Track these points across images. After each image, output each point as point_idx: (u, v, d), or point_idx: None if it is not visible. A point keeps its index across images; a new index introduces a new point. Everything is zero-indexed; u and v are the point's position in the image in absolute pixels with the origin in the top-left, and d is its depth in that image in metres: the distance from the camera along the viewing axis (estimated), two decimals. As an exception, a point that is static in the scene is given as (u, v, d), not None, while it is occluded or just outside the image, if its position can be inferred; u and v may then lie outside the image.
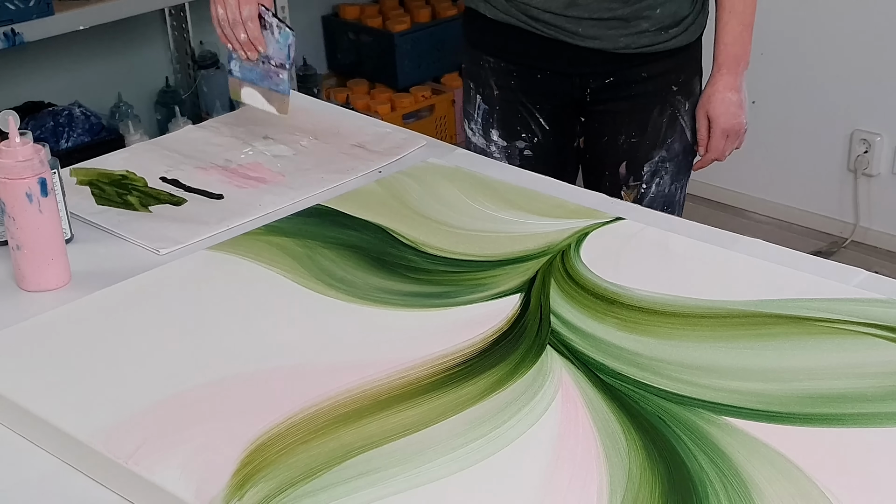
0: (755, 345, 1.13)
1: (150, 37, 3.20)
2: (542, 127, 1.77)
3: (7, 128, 1.28)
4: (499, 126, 1.80)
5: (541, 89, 1.75)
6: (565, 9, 1.66)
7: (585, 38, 1.67)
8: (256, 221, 1.45)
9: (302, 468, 0.97)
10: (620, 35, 1.67)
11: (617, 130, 1.75)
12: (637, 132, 1.74)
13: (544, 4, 1.67)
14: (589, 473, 0.96)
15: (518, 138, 1.79)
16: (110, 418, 1.04)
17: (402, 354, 1.13)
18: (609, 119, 1.75)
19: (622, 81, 1.72)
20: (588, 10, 1.66)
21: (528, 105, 1.77)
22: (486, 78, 1.79)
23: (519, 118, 1.78)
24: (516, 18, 1.71)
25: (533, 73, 1.75)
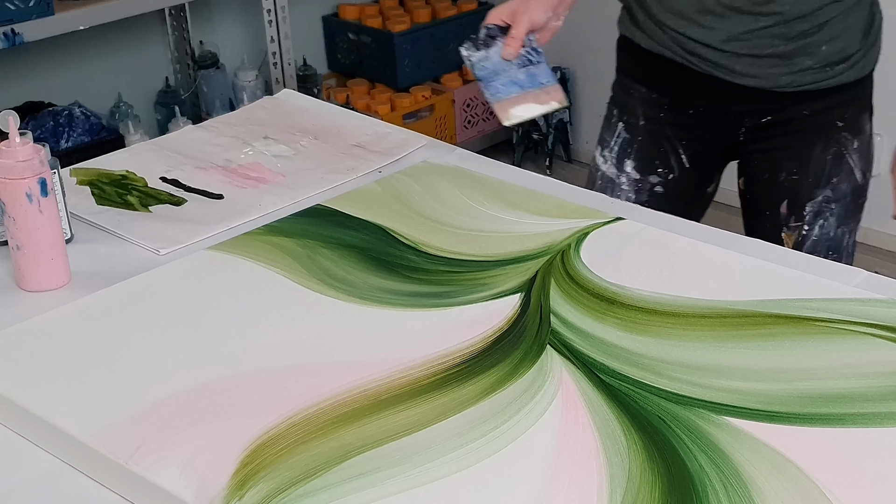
0: (755, 345, 1.13)
1: (150, 37, 3.20)
2: (682, 164, 1.67)
3: (7, 128, 1.28)
4: (636, 157, 1.69)
5: (691, 125, 1.65)
6: (723, 43, 1.55)
7: (744, 76, 1.57)
8: (256, 221, 1.45)
9: (302, 468, 0.97)
10: (781, 73, 1.55)
11: (777, 167, 1.63)
12: (798, 169, 1.61)
13: (702, 37, 1.56)
14: (589, 473, 0.96)
15: (653, 172, 1.68)
16: (110, 418, 1.04)
17: (402, 354, 1.13)
18: (768, 157, 1.64)
19: (781, 120, 1.60)
20: (747, 46, 1.54)
21: (674, 140, 1.67)
22: (633, 107, 1.70)
23: (660, 152, 1.68)
24: (671, 50, 1.61)
25: (685, 108, 1.64)
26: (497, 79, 1.51)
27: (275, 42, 3.21)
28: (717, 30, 1.53)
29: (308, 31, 3.55)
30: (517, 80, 1.51)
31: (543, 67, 1.51)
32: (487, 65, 1.51)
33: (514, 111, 1.49)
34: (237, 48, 3.35)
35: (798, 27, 1.51)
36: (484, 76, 1.51)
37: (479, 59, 1.52)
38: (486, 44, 1.52)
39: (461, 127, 3.55)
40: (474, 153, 1.65)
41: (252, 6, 3.27)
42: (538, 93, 1.50)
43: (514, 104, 1.49)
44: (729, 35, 1.53)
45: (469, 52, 1.53)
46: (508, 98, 1.49)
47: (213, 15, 3.32)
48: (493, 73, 1.51)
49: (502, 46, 1.52)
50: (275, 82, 3.24)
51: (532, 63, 1.50)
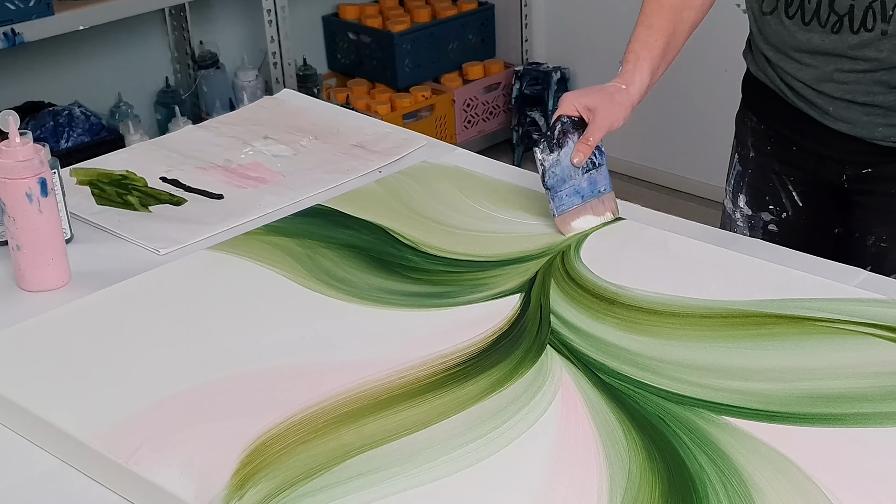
0: (755, 345, 1.13)
1: (150, 37, 3.20)
2: (795, 202, 1.54)
3: (7, 128, 1.28)
4: (747, 192, 1.58)
5: (795, 163, 1.53)
6: (816, 83, 1.43)
7: (836, 121, 1.43)
8: (256, 221, 1.45)
9: (302, 468, 0.97)
10: (879, 124, 1.41)
11: (867, 229, 1.48)
12: (889, 237, 1.46)
13: (796, 73, 1.44)
14: (589, 473, 0.96)
15: (764, 209, 1.56)
16: (110, 418, 1.04)
17: (402, 354, 1.13)
18: (863, 215, 1.49)
19: (880, 175, 1.45)
20: (843, 90, 1.41)
21: (782, 176, 1.54)
22: (745, 137, 1.59)
23: (770, 187, 1.55)
24: (771, 80, 1.50)
25: (789, 145, 1.52)
26: (563, 188, 1.39)
27: (275, 42, 3.21)
28: (811, 67, 1.42)
29: (308, 31, 3.55)
30: (580, 188, 1.40)
31: (604, 172, 1.42)
32: (557, 171, 1.39)
33: (574, 224, 1.39)
34: (237, 48, 3.35)
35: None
36: (553, 185, 1.39)
37: (551, 165, 1.39)
38: (559, 143, 1.40)
39: (461, 127, 3.55)
40: (474, 153, 1.65)
41: (252, 6, 3.27)
42: (596, 203, 1.41)
43: (574, 217, 1.39)
44: (822, 75, 1.41)
45: (543, 154, 1.40)
46: (570, 210, 1.39)
47: (213, 15, 3.32)
48: (561, 180, 1.39)
49: (573, 147, 1.40)
50: (275, 82, 3.24)
51: (595, 167, 1.41)
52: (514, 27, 3.64)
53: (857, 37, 1.35)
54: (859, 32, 1.35)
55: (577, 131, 1.40)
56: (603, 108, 1.41)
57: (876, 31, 1.34)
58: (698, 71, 3.17)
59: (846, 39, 1.36)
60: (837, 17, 1.36)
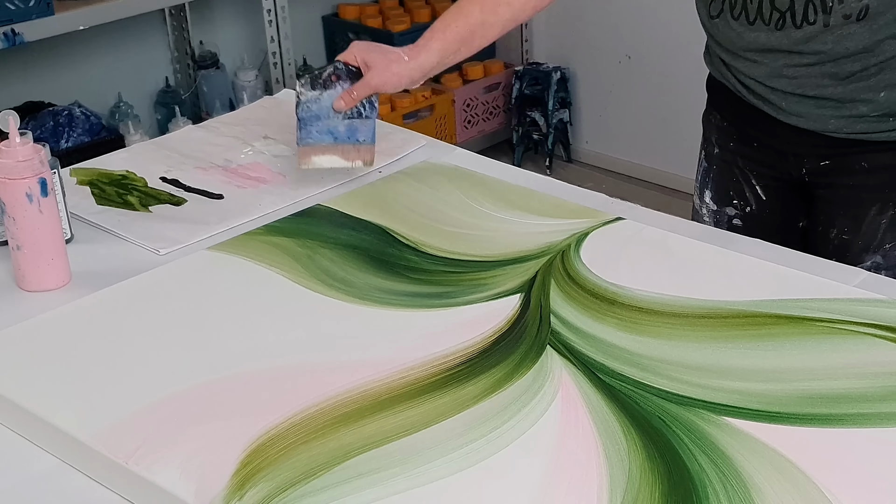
0: (755, 345, 1.13)
1: (150, 37, 3.20)
2: (759, 196, 1.57)
3: (7, 128, 1.28)
4: (712, 187, 1.61)
5: (757, 158, 1.55)
6: (768, 79, 1.45)
7: (790, 115, 1.45)
8: (256, 221, 1.45)
9: (302, 468, 0.97)
10: (831, 116, 1.42)
11: (829, 222, 1.51)
12: (850, 228, 1.48)
13: (749, 71, 1.47)
14: (589, 473, 0.96)
15: (728, 204, 1.59)
16: (110, 418, 1.04)
17: (402, 354, 1.13)
18: (825, 209, 1.51)
19: (839, 168, 1.47)
20: (793, 85, 1.42)
21: (745, 171, 1.57)
22: (709, 133, 1.62)
23: (733, 182, 1.58)
24: (728, 80, 1.53)
25: (750, 141, 1.55)
26: (315, 124, 1.45)
27: (275, 42, 3.21)
28: (761, 65, 1.44)
29: (308, 31, 3.55)
30: (335, 130, 1.44)
31: (370, 125, 1.44)
32: (314, 107, 1.45)
33: (316, 159, 1.44)
34: (237, 48, 3.35)
35: (849, 67, 1.38)
36: (305, 118, 1.45)
37: (306, 100, 1.45)
38: (325, 84, 1.45)
39: (461, 127, 3.55)
40: (474, 153, 1.65)
41: (252, 6, 3.27)
42: (349, 147, 1.45)
43: (319, 153, 1.44)
44: (772, 72, 1.44)
45: (304, 88, 1.46)
46: (316, 145, 1.45)
47: (213, 15, 3.32)
48: (315, 117, 1.45)
49: (340, 92, 1.46)
50: (275, 82, 3.24)
51: (359, 116, 1.44)
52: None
53: (800, 31, 1.37)
54: (802, 27, 1.37)
55: (350, 80, 1.47)
56: (377, 69, 1.49)
57: (818, 24, 1.36)
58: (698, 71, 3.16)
59: (791, 35, 1.38)
60: (780, 13, 1.38)
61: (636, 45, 3.44)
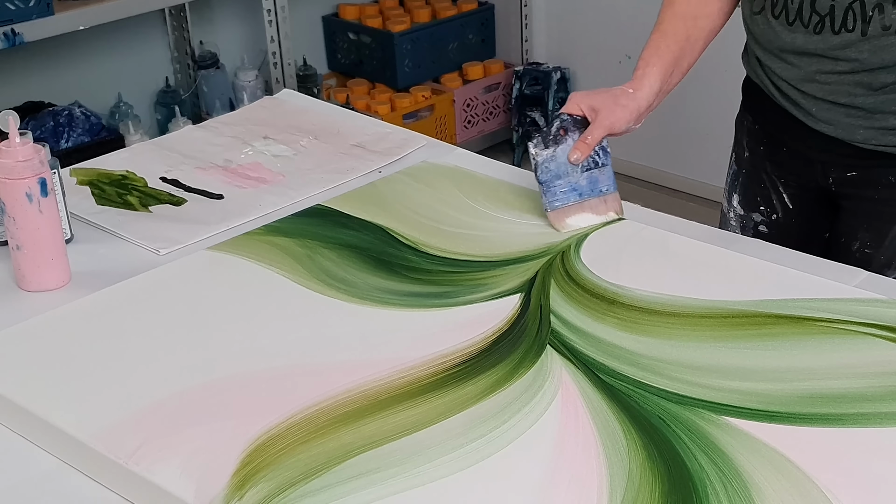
0: (755, 345, 1.13)
1: (150, 37, 3.20)
2: (785, 205, 1.54)
3: (7, 128, 1.28)
4: (740, 192, 1.59)
5: (785, 164, 1.53)
6: (800, 83, 1.43)
7: (818, 122, 1.43)
8: (256, 221, 1.45)
9: (302, 468, 0.97)
10: (859, 126, 1.40)
11: (852, 235, 1.48)
12: (872, 242, 1.46)
13: (783, 73, 1.45)
14: (589, 473, 0.96)
15: (755, 210, 1.57)
16: (110, 418, 1.04)
17: (402, 354, 1.13)
18: (849, 220, 1.49)
19: (865, 179, 1.44)
20: (825, 91, 1.41)
21: (774, 177, 1.54)
22: (740, 136, 1.60)
23: (761, 188, 1.56)
24: (761, 81, 1.51)
25: (779, 146, 1.52)
26: (557, 184, 1.40)
27: (275, 42, 3.21)
28: (795, 67, 1.43)
29: (308, 31, 3.55)
30: (578, 186, 1.40)
31: (608, 172, 1.41)
32: (552, 167, 1.40)
33: (570, 221, 1.39)
34: (237, 48, 3.35)
35: (882, 78, 1.36)
36: (546, 180, 1.39)
37: (544, 161, 1.40)
38: (556, 140, 1.40)
39: (461, 127, 3.55)
40: (474, 153, 1.65)
41: (252, 6, 3.27)
42: (596, 202, 1.40)
43: (571, 214, 1.39)
44: (805, 75, 1.42)
45: (537, 149, 1.41)
46: (564, 207, 1.40)
47: (213, 15, 3.32)
48: (556, 176, 1.40)
49: (571, 145, 1.40)
50: (275, 82, 3.24)
51: (597, 166, 1.41)
52: (514, 27, 3.64)
53: (838, 37, 1.36)
54: (840, 33, 1.36)
55: (578, 130, 1.41)
56: (606, 109, 1.42)
57: (856, 32, 1.35)
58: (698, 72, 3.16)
59: (828, 40, 1.37)
60: (819, 17, 1.37)
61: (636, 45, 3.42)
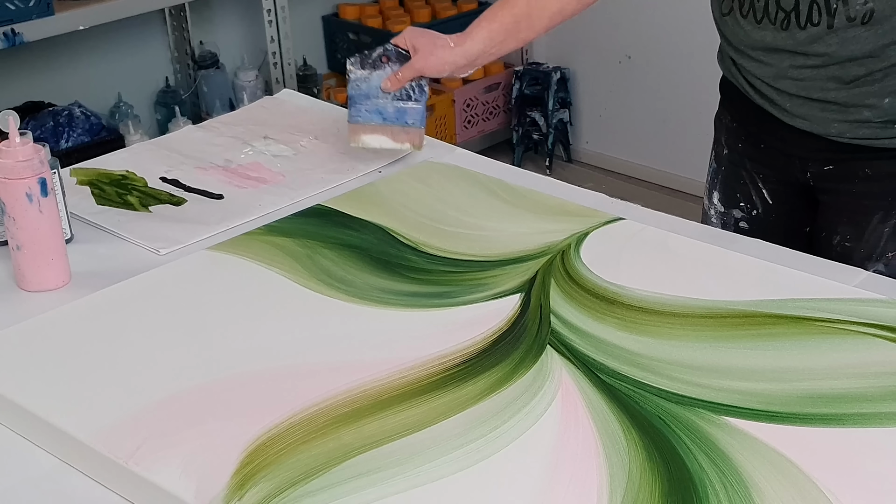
0: (755, 345, 1.13)
1: (150, 37, 3.20)
2: (765, 200, 1.57)
3: (7, 128, 1.28)
4: (720, 189, 1.62)
5: (764, 161, 1.55)
6: (773, 80, 1.45)
7: (794, 117, 1.45)
8: (256, 221, 1.45)
9: (302, 468, 0.97)
10: (834, 120, 1.42)
11: (832, 229, 1.50)
12: (853, 236, 1.47)
13: (755, 70, 1.47)
14: (589, 473, 0.96)
15: (735, 206, 1.60)
16: (110, 418, 1.04)
17: (402, 354, 1.13)
18: (828, 213, 1.51)
19: (842, 173, 1.46)
20: (798, 87, 1.42)
21: (753, 173, 1.57)
22: (720, 134, 1.63)
23: (741, 185, 1.58)
24: (737, 80, 1.53)
25: (757, 143, 1.55)
26: (365, 102, 1.50)
27: (275, 42, 3.21)
28: (768, 65, 1.44)
29: (308, 31, 3.55)
30: (384, 110, 1.49)
31: (419, 109, 1.49)
32: (363, 86, 1.49)
33: (366, 138, 1.49)
34: (237, 48, 3.35)
35: (854, 71, 1.37)
36: (354, 95, 1.49)
37: (356, 78, 1.50)
38: (375, 65, 1.50)
39: (461, 127, 3.55)
40: (474, 153, 1.65)
41: (252, 6, 3.27)
42: (398, 129, 1.49)
43: (369, 132, 1.49)
44: (778, 72, 1.43)
45: (353, 66, 1.51)
46: (365, 125, 1.49)
47: (213, 15, 3.32)
48: (365, 95, 1.49)
49: (389, 73, 1.50)
50: (275, 82, 3.24)
51: (410, 99, 1.48)
52: (514, 27, 3.63)
53: (805, 32, 1.37)
54: (806, 28, 1.37)
55: (399, 62, 1.51)
56: (422, 53, 1.52)
57: (822, 26, 1.36)
58: (698, 71, 3.17)
59: (795, 35, 1.38)
60: (785, 13, 1.38)
61: (636, 45, 3.44)
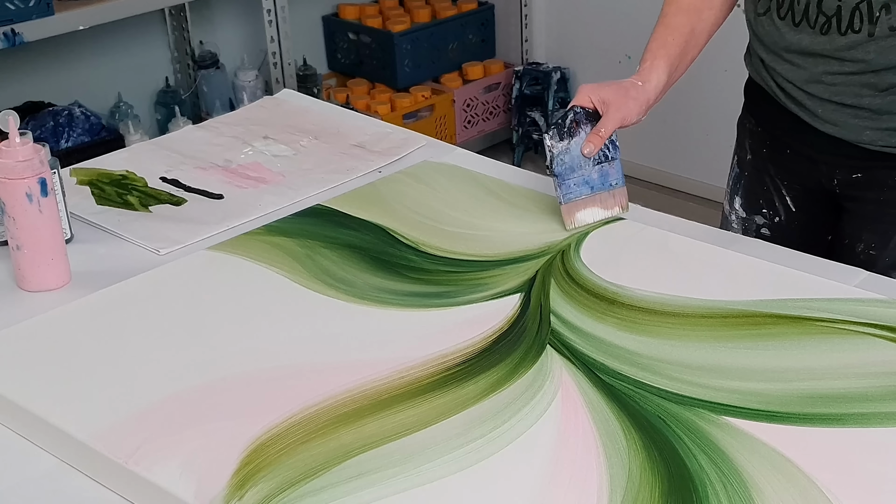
0: (755, 345, 1.13)
1: (150, 37, 3.20)
2: (788, 207, 1.54)
3: (7, 128, 1.28)
4: (742, 194, 1.59)
5: (788, 166, 1.52)
6: (806, 84, 1.42)
7: (824, 123, 1.42)
8: (256, 221, 1.45)
9: (302, 468, 0.97)
10: (866, 127, 1.40)
11: (856, 236, 1.48)
12: (877, 244, 1.45)
13: (787, 73, 1.44)
14: (589, 473, 0.96)
15: (758, 213, 1.57)
16: (110, 418, 1.04)
17: (402, 354, 1.13)
18: (852, 221, 1.48)
19: (870, 181, 1.44)
20: (831, 92, 1.40)
21: (776, 179, 1.54)
22: (743, 139, 1.60)
23: (763, 191, 1.56)
24: (765, 83, 1.50)
25: (783, 148, 1.52)
26: (572, 176, 1.40)
27: (275, 42, 3.21)
28: (801, 68, 1.42)
29: (308, 31, 3.55)
30: (590, 179, 1.40)
31: (617, 166, 1.42)
32: (566, 159, 1.39)
33: (580, 215, 1.39)
34: (237, 48, 3.35)
35: (889, 79, 1.36)
36: (561, 172, 1.39)
37: (559, 153, 1.39)
38: (570, 133, 1.40)
39: (461, 127, 3.55)
40: (474, 153, 1.65)
41: (252, 6, 3.27)
42: (606, 196, 1.41)
43: (581, 207, 1.39)
44: (811, 76, 1.41)
45: (553, 141, 1.40)
46: (577, 200, 1.40)
47: (213, 15, 3.32)
48: (570, 168, 1.40)
49: (584, 137, 1.40)
50: (275, 82, 3.24)
51: (607, 160, 1.41)
52: (514, 27, 3.64)
53: (844, 38, 1.35)
54: (847, 34, 1.35)
55: (591, 123, 1.41)
56: (617, 102, 1.42)
57: (863, 33, 1.34)
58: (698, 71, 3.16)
59: (834, 41, 1.36)
60: (826, 18, 1.36)
61: (636, 45, 3.42)
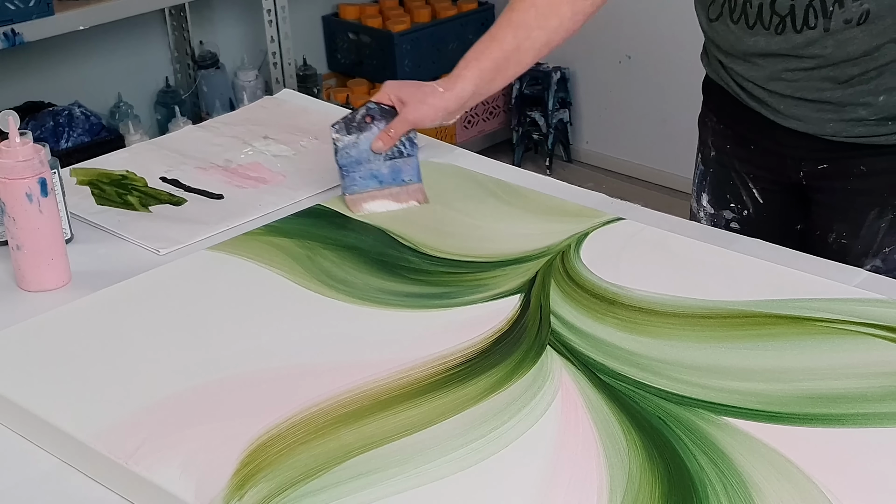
0: (755, 345, 1.13)
1: (150, 37, 3.20)
2: (756, 200, 1.56)
3: (7, 128, 1.28)
4: (709, 191, 1.61)
5: (754, 161, 1.54)
6: (766, 82, 1.44)
7: (788, 118, 1.44)
8: (256, 221, 1.45)
9: (302, 468, 0.97)
10: (829, 120, 1.41)
11: (828, 227, 1.49)
12: (848, 233, 1.47)
13: (747, 73, 1.46)
14: (589, 473, 0.96)
15: (726, 208, 1.59)
16: (110, 418, 1.04)
17: (402, 354, 1.13)
18: (823, 211, 1.50)
19: (837, 171, 1.46)
20: (792, 88, 1.41)
21: (742, 174, 1.56)
22: (706, 137, 1.61)
23: (730, 185, 1.57)
24: (725, 83, 1.52)
25: (747, 143, 1.54)
26: (358, 169, 1.42)
27: (275, 42, 3.21)
28: (760, 68, 1.43)
29: (308, 31, 3.55)
30: (378, 173, 1.42)
31: (413, 163, 1.42)
32: (353, 152, 1.42)
33: (367, 206, 1.42)
34: (237, 48, 3.36)
35: (849, 71, 1.37)
36: (345, 164, 1.42)
37: (345, 146, 1.42)
38: (360, 127, 1.42)
39: (461, 127, 3.56)
40: (474, 153, 1.65)
41: (252, 6, 3.27)
42: (397, 190, 1.42)
43: (369, 199, 1.41)
44: (771, 74, 1.42)
45: (339, 134, 1.42)
46: (363, 192, 1.42)
47: (213, 15, 3.32)
48: (356, 162, 1.42)
49: (377, 133, 1.43)
50: (275, 82, 3.24)
51: (402, 156, 1.41)
52: (514, 27, 3.63)
53: (801, 36, 1.37)
54: (802, 31, 1.36)
55: (385, 119, 1.44)
56: (412, 104, 1.45)
57: (818, 29, 1.35)
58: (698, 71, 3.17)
59: (791, 39, 1.38)
60: (780, 17, 1.37)
61: (636, 45, 3.44)
